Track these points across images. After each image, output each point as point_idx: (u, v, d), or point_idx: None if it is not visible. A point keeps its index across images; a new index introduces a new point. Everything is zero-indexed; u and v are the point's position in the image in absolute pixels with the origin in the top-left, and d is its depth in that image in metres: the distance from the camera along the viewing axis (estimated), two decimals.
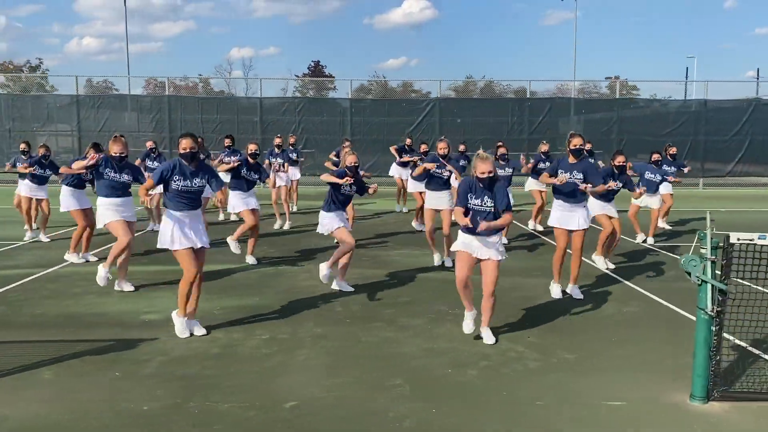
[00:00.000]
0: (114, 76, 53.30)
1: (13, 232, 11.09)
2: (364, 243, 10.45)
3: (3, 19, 72.90)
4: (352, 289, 7.30)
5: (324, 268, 6.96)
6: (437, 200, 8.56)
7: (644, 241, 10.59)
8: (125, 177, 7.10)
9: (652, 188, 10.54)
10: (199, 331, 5.71)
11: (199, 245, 5.66)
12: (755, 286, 4.54)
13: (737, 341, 4.92)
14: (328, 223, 7.14)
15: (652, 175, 10.60)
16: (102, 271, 6.69)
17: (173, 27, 78.91)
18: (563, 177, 6.73)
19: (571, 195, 6.86)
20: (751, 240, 4.23)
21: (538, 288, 7.40)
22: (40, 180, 10.34)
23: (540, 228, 11.92)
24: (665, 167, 11.97)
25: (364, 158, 21.73)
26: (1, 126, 21.86)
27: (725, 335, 4.43)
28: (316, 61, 59.18)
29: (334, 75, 58.23)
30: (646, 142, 22.49)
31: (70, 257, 8.82)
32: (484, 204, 5.37)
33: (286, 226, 12.01)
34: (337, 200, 7.14)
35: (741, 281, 4.29)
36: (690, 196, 19.61)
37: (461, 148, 12.99)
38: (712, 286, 4.21)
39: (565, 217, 6.89)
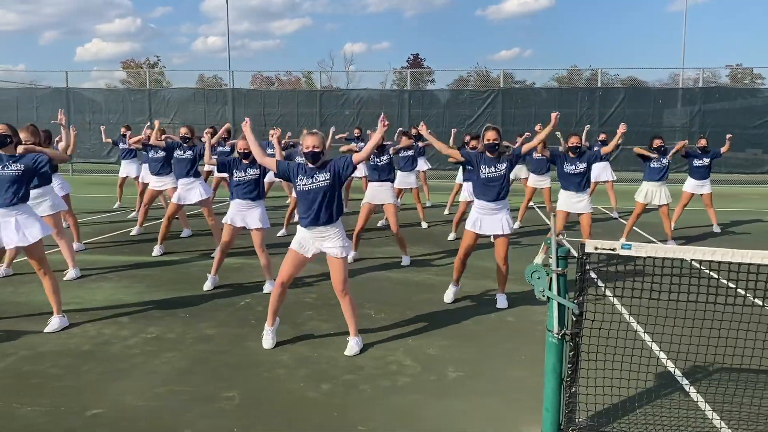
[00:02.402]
0: (218, 71, 55.64)
1: None
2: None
3: (139, 21, 78.38)
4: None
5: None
6: (376, 193, 8.10)
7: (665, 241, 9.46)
8: None
9: (654, 176, 9.42)
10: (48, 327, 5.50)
11: (2, 245, 5.38)
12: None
13: (609, 368, 4.02)
14: None
15: (657, 164, 9.43)
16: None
17: (290, 24, 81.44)
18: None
19: (493, 195, 6.15)
20: (612, 249, 3.47)
21: (494, 294, 6.70)
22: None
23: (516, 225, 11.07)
24: (696, 161, 10.73)
25: None
26: (82, 119, 23.13)
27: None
28: (415, 54, 59.16)
29: (431, 67, 57.98)
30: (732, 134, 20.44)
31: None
32: (315, 181, 4.85)
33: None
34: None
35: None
36: None
37: (602, 137, 12.69)
38: (560, 304, 3.50)
39: (485, 221, 6.19)
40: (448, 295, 6.61)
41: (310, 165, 4.91)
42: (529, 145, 6.23)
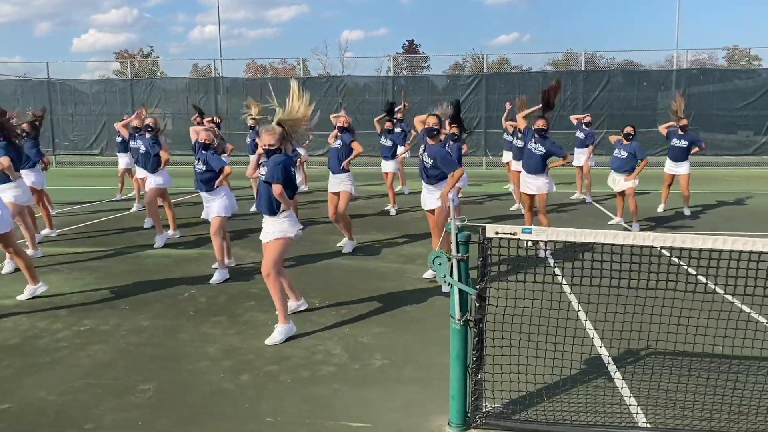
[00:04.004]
0: (208, 59, 55.35)
1: None
2: (321, 227, 9.94)
3: (135, 11, 77.58)
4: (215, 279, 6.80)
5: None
6: (334, 183, 8.18)
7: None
8: None
9: (615, 164, 9.46)
10: None
11: None
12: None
13: (534, 356, 3.91)
14: None
15: (618, 152, 9.40)
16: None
17: (287, 12, 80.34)
18: None
19: (424, 177, 6.51)
20: (512, 234, 3.38)
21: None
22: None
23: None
24: (674, 141, 10.63)
25: None
26: (64, 110, 22.95)
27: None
28: (410, 39, 58.72)
29: (426, 53, 57.55)
30: (716, 117, 20.27)
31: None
32: (261, 175, 5.00)
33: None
34: None
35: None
36: None
37: (586, 119, 13.26)
38: (461, 290, 3.42)
39: (426, 198, 6.59)
40: (427, 272, 6.86)
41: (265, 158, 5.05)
42: None
